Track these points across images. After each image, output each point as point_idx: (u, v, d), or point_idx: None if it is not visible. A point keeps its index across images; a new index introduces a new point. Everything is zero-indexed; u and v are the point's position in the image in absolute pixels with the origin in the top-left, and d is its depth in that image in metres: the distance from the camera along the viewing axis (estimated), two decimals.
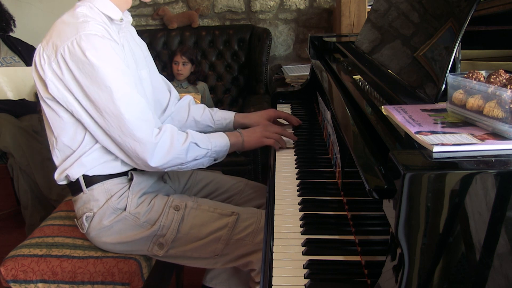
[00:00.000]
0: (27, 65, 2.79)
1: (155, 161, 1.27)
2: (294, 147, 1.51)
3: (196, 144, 1.34)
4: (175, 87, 2.90)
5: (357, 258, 0.95)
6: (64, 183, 1.39)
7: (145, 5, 3.32)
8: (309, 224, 1.07)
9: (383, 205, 0.71)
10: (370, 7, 1.98)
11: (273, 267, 0.93)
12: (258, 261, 1.31)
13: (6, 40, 2.83)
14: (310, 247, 0.99)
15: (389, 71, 1.18)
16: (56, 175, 1.37)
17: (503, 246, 0.65)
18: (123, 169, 1.36)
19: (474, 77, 0.77)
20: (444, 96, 0.86)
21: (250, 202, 1.59)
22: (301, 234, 1.04)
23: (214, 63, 3.21)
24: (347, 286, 0.90)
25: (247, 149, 1.48)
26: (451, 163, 0.65)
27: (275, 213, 1.13)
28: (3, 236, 2.65)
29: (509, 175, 0.63)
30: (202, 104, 1.70)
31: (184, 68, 2.91)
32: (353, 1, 2.60)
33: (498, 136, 0.70)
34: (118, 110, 1.22)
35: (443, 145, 0.67)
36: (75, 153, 1.32)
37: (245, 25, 3.25)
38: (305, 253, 0.97)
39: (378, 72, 1.23)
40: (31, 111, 2.64)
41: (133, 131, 1.24)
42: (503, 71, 0.74)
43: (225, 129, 1.63)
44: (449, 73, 0.86)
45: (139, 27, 3.36)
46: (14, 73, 2.71)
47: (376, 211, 0.82)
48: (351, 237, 1.02)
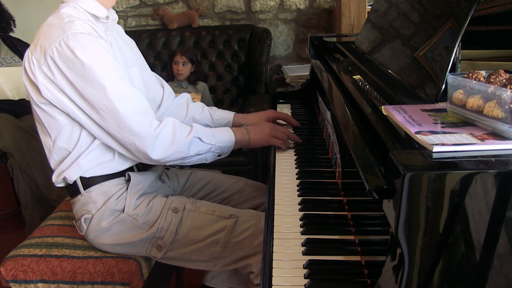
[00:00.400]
0: None
1: (157, 153, 1.26)
2: (294, 147, 1.51)
3: (199, 138, 1.33)
4: (175, 87, 2.93)
5: (357, 258, 0.95)
6: (62, 185, 1.39)
7: (145, 5, 3.32)
8: (309, 224, 1.07)
9: (383, 205, 0.71)
10: (370, 7, 1.98)
11: (273, 267, 0.93)
12: (256, 263, 1.31)
13: (6, 40, 2.83)
14: (310, 247, 0.99)
15: (389, 71, 1.18)
16: (54, 178, 1.37)
17: (503, 246, 0.65)
18: (120, 169, 1.36)
19: (474, 77, 0.76)
20: (444, 96, 0.86)
21: (249, 201, 1.59)
22: (301, 234, 1.04)
23: (214, 63, 3.21)
24: (347, 286, 0.90)
25: (253, 147, 1.46)
26: (451, 163, 0.65)
27: (275, 213, 1.13)
28: (3, 236, 2.65)
29: (509, 175, 0.63)
30: (200, 102, 1.69)
31: (184, 68, 2.91)
32: (353, 1, 2.60)
33: (498, 136, 0.70)
34: (112, 106, 1.21)
35: (443, 145, 0.67)
36: (71, 155, 1.32)
37: (245, 25, 3.25)
38: (305, 253, 0.97)
39: (378, 72, 1.23)
40: (31, 111, 2.63)
41: (130, 125, 1.23)
42: (503, 71, 0.74)
43: None
44: (449, 73, 0.86)
45: (139, 27, 3.37)
46: (14, 73, 2.71)
47: (376, 211, 0.82)
48: (351, 237, 1.02)
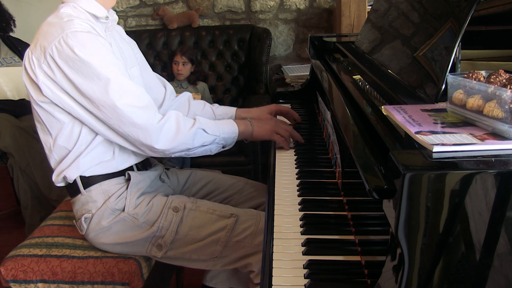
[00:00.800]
0: None
1: (161, 145, 1.28)
2: (294, 147, 1.51)
3: (203, 130, 1.34)
4: (175, 87, 2.93)
5: (357, 258, 0.95)
6: (62, 185, 1.39)
7: (145, 5, 3.33)
8: (309, 224, 1.07)
9: (383, 205, 0.71)
10: (370, 7, 1.98)
11: (273, 267, 0.93)
12: (257, 262, 1.31)
13: (6, 40, 2.82)
14: (310, 247, 0.99)
15: (389, 71, 1.18)
16: (54, 177, 1.37)
17: (503, 246, 0.65)
18: (120, 168, 1.36)
19: (474, 77, 0.76)
20: (444, 96, 0.86)
21: (249, 201, 1.59)
22: (301, 234, 1.04)
23: (214, 63, 3.21)
24: (347, 286, 0.90)
25: (255, 139, 1.48)
26: (451, 163, 0.65)
27: (275, 213, 1.13)
28: (3, 236, 2.65)
29: (509, 175, 0.63)
30: (202, 100, 1.70)
31: (184, 68, 2.91)
32: (353, 1, 2.60)
33: (498, 136, 0.70)
34: (113, 102, 1.22)
35: (443, 145, 0.67)
36: (71, 154, 1.32)
37: (245, 25, 3.25)
38: (305, 253, 0.97)
39: (378, 72, 1.23)
40: (31, 111, 2.63)
41: (132, 119, 1.24)
42: (503, 71, 0.74)
43: None
44: (449, 73, 0.86)
45: (139, 27, 3.37)
46: (14, 73, 2.70)
47: (376, 211, 0.82)
48: (351, 237, 1.02)
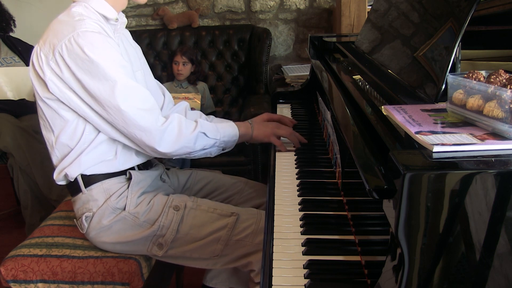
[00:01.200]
0: (27, 65, 2.78)
1: (164, 147, 1.30)
2: (294, 146, 1.51)
3: (204, 133, 1.36)
4: (175, 87, 2.93)
5: (357, 258, 0.95)
6: (63, 183, 1.39)
7: (145, 5, 3.32)
8: (309, 224, 1.07)
9: (383, 205, 0.71)
10: (370, 7, 1.98)
11: (273, 267, 0.93)
12: (257, 261, 1.31)
13: (6, 40, 2.83)
14: (310, 247, 0.99)
15: (389, 71, 1.18)
16: (55, 175, 1.38)
17: (503, 246, 0.65)
18: (122, 168, 1.37)
19: (474, 77, 0.76)
20: (444, 96, 0.86)
21: (249, 201, 1.59)
22: (301, 234, 1.04)
23: (214, 63, 3.21)
24: (347, 286, 0.90)
25: (254, 142, 1.52)
26: (451, 163, 0.65)
27: (275, 213, 1.13)
28: (3, 236, 2.65)
29: (509, 175, 0.63)
30: (198, 111, 1.69)
31: (184, 68, 2.91)
32: (353, 1, 2.60)
33: (498, 136, 0.70)
34: (118, 103, 1.23)
35: (443, 145, 0.67)
36: (73, 151, 1.33)
37: (245, 25, 3.25)
38: (305, 253, 0.97)
39: (378, 72, 1.23)
40: (31, 111, 2.63)
41: (137, 122, 1.26)
42: (503, 71, 0.74)
43: None
44: (449, 73, 0.86)
45: (139, 27, 3.36)
46: (14, 73, 2.71)
47: (376, 211, 0.82)
48: (351, 237, 1.02)
